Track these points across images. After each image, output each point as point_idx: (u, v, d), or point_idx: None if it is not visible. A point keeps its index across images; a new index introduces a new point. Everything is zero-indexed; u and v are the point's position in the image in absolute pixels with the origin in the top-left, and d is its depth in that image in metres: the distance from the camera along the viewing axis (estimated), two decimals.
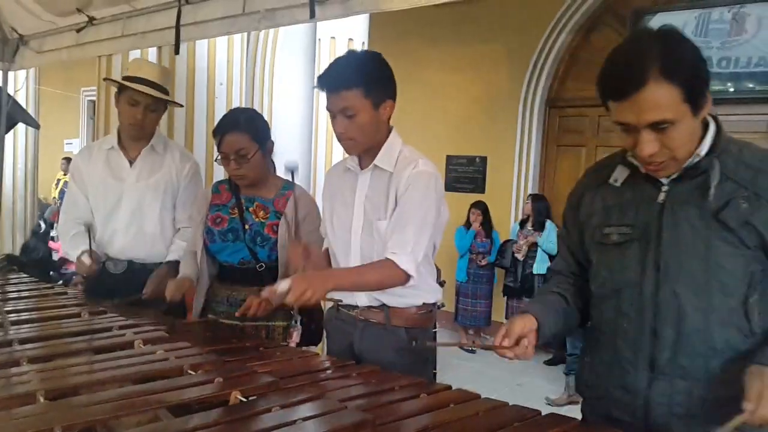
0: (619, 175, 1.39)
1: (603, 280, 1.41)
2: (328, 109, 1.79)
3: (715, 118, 1.31)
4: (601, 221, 1.41)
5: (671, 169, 1.29)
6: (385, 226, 1.80)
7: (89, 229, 2.51)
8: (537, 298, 1.55)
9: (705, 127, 1.30)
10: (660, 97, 1.17)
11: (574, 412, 1.51)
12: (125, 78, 2.53)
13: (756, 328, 1.26)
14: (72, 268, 5.65)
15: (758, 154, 1.29)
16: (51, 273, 6.39)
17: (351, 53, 1.87)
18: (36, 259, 6.24)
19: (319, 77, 1.77)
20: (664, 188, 1.32)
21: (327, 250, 2.04)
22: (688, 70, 1.19)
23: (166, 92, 2.56)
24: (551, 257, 5.41)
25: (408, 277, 1.74)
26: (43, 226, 7.37)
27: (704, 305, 1.27)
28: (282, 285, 1.60)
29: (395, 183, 1.80)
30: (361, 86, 1.72)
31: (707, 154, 1.28)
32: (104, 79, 2.57)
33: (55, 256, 6.51)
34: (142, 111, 2.48)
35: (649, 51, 1.18)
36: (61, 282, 6.16)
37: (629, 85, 1.18)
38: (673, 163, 1.28)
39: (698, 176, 1.28)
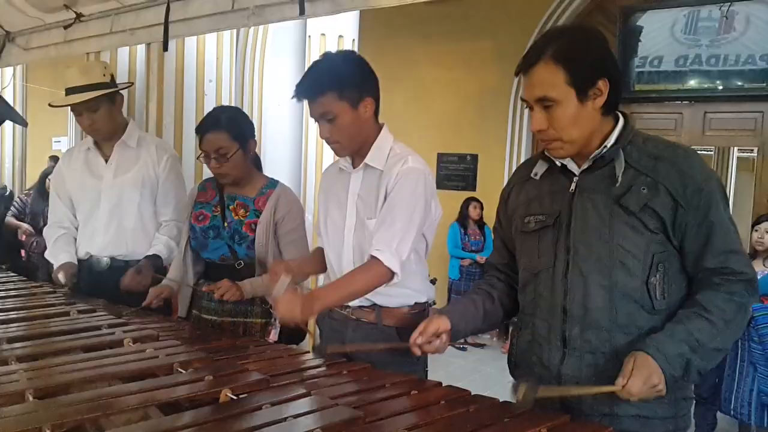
0: (539, 169, 1.53)
1: (525, 266, 1.54)
2: (311, 116, 1.80)
3: (624, 114, 1.44)
4: (524, 212, 1.54)
5: (563, 151, 1.41)
6: (374, 225, 1.80)
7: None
8: (459, 299, 1.71)
9: (616, 121, 1.43)
10: (545, 76, 1.33)
11: None
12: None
13: (659, 306, 1.38)
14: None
15: (660, 145, 1.41)
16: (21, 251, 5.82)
17: (325, 57, 1.85)
18: None
19: (296, 86, 1.77)
20: (575, 178, 1.45)
21: (321, 249, 2.03)
22: (579, 58, 1.33)
23: (95, 87, 2.46)
24: None
25: (392, 274, 1.71)
26: (8, 188, 6.97)
27: (608, 284, 1.38)
28: (276, 290, 1.73)
29: (385, 180, 1.79)
30: (335, 89, 1.71)
31: (613, 144, 1.40)
32: (49, 105, 2.56)
33: (20, 235, 5.85)
34: (86, 116, 2.48)
35: (554, 39, 1.35)
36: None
37: (526, 63, 1.36)
38: (564, 145, 1.39)
39: (605, 166, 1.40)
